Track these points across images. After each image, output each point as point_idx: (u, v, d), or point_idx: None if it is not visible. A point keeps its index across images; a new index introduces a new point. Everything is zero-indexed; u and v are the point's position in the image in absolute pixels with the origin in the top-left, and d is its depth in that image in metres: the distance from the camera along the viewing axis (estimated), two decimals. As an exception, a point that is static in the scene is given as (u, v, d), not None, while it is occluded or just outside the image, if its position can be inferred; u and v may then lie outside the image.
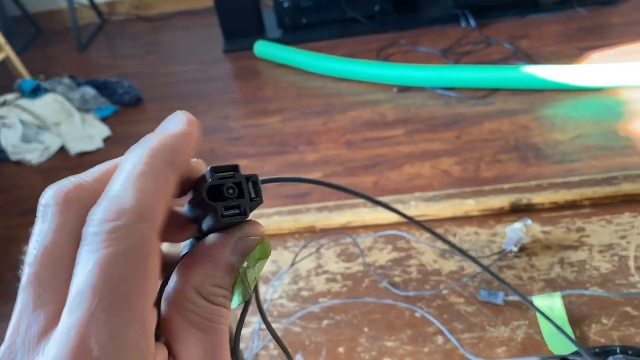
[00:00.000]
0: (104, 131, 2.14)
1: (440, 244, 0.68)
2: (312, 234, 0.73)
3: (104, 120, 2.23)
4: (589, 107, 1.66)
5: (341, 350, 0.58)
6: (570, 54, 2.00)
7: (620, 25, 2.14)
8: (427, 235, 0.69)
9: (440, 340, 0.57)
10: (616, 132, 1.54)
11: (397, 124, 1.81)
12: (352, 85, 2.09)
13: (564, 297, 0.58)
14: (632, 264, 0.61)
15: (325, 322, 0.62)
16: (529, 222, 0.66)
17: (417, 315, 0.60)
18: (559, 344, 0.54)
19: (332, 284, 0.66)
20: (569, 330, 0.55)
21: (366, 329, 0.60)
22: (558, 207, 0.69)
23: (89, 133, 2.11)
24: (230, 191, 0.21)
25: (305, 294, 0.65)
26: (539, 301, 0.57)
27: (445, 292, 0.62)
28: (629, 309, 0.56)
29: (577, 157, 1.48)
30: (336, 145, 1.75)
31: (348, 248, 0.70)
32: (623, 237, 0.64)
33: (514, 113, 1.73)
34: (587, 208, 0.69)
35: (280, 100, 2.11)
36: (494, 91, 1.85)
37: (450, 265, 0.65)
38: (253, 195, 0.21)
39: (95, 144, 2.07)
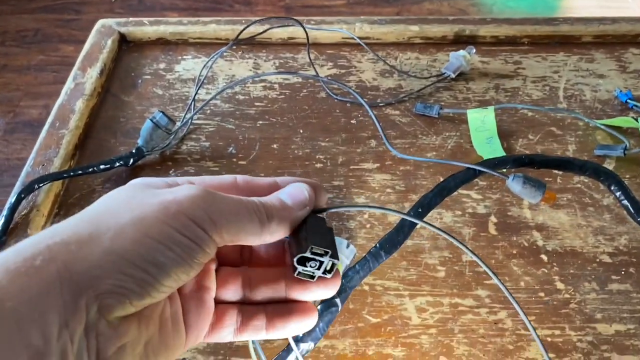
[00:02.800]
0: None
1: (381, 64, 0.67)
2: (250, 45, 0.70)
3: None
4: (526, -2, 1.67)
5: (275, 146, 0.58)
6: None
7: None
8: (368, 56, 0.68)
9: (373, 143, 0.58)
10: (548, 24, 1.58)
11: (338, -5, 1.75)
12: (294, -49, 1.97)
13: (496, 112, 0.59)
14: (561, 93, 0.63)
15: (260, 122, 0.60)
16: (473, 50, 0.66)
17: (353, 122, 0.60)
18: (487, 152, 0.56)
19: (269, 91, 0.64)
20: (497, 141, 0.57)
21: (301, 130, 0.59)
22: (498, 42, 0.70)
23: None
24: (312, 263, 0.26)
25: (240, 97, 0.63)
26: (473, 113, 0.59)
27: (382, 104, 0.62)
28: (554, 129, 0.59)
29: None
30: (273, 8, 1.67)
31: (287, 62, 0.68)
32: (556, 72, 0.66)
33: (454, -3, 1.72)
34: (525, 45, 0.70)
35: (216, -42, 1.96)
36: (438, -26, 1.82)
37: (389, 83, 0.65)
38: (327, 269, 0.27)
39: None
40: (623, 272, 0.47)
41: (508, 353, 0.42)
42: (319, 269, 0.26)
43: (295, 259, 0.25)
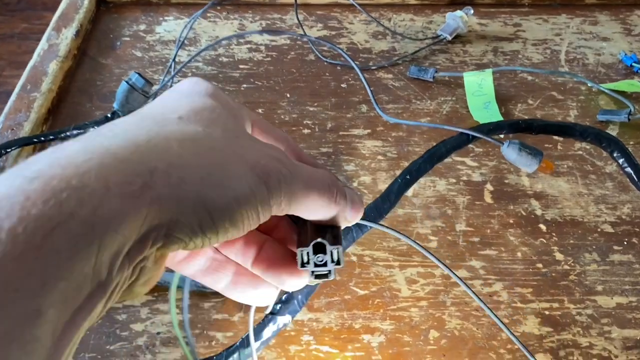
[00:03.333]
0: None
1: (374, 26, 0.63)
2: (235, 6, 0.66)
3: None
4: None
5: (260, 111, 0.54)
6: None
7: None
8: (361, 17, 0.64)
9: (364, 108, 0.55)
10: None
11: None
12: None
13: (494, 76, 0.56)
14: (562, 56, 0.60)
15: (245, 85, 0.57)
16: (471, 11, 0.62)
17: (343, 85, 0.57)
18: (484, 117, 0.53)
19: (255, 53, 0.60)
20: (494, 106, 0.54)
21: (288, 95, 0.56)
22: (497, 3, 0.66)
23: None
24: (319, 258, 0.25)
25: (224, 59, 0.60)
26: (469, 77, 0.56)
27: (374, 68, 0.59)
28: (554, 93, 0.56)
29: None
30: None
31: (275, 23, 0.64)
32: (557, 35, 0.63)
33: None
34: (525, 6, 0.66)
35: None
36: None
37: (382, 45, 0.61)
38: (319, 274, 0.26)
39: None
40: (625, 243, 0.44)
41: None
42: (315, 266, 0.24)
43: (316, 240, 0.24)
